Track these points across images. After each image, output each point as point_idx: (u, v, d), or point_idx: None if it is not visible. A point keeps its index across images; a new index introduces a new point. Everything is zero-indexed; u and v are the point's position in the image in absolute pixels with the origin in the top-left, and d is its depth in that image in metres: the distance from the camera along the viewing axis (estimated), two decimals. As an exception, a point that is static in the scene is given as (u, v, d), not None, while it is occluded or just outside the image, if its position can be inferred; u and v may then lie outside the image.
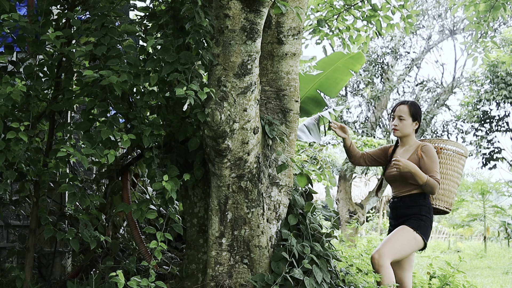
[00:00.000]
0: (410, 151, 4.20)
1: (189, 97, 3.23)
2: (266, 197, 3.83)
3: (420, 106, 4.53)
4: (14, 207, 4.30)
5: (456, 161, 4.29)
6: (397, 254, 4.02)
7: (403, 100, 4.40)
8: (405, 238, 4.05)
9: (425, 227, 4.09)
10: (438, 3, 15.58)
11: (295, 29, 3.96)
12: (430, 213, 4.13)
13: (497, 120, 17.51)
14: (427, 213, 4.11)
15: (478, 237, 19.12)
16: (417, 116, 4.26)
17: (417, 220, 4.08)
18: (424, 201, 4.13)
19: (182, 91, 3.23)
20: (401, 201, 4.18)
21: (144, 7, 3.97)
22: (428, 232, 4.11)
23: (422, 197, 4.13)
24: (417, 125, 4.27)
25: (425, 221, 4.10)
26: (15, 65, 3.82)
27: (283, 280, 3.70)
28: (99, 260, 4.38)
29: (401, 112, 4.23)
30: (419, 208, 4.12)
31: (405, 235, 4.05)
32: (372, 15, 5.89)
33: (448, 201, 4.30)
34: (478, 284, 6.92)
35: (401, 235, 4.05)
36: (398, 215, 4.20)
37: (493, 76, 16.41)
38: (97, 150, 3.35)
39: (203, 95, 3.30)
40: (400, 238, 4.05)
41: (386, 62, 15.88)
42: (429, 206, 4.14)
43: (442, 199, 4.27)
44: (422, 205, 4.12)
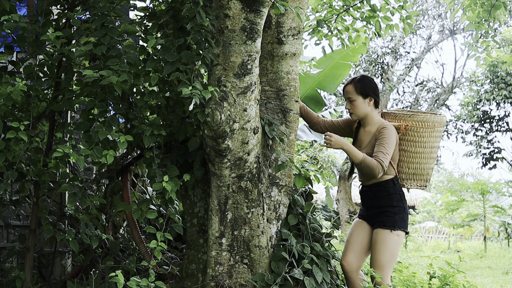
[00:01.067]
0: (371, 132, 3.82)
1: (195, 96, 3.23)
2: (266, 197, 3.83)
3: (371, 79, 3.94)
4: (14, 207, 4.30)
5: (428, 135, 3.85)
6: (393, 264, 3.81)
7: (350, 78, 3.95)
8: (390, 246, 3.74)
9: (401, 219, 3.76)
10: (438, 3, 15.59)
11: (295, 29, 3.96)
12: (402, 200, 3.80)
13: (497, 120, 17.52)
14: (399, 201, 3.77)
15: (478, 237, 19.12)
16: (368, 91, 3.81)
17: (391, 216, 3.75)
18: (394, 189, 3.78)
19: (188, 91, 3.23)
20: (370, 191, 3.84)
21: (144, 7, 3.97)
22: (405, 222, 3.79)
23: (391, 183, 3.79)
24: (371, 101, 3.82)
25: (398, 212, 3.76)
26: (15, 65, 3.82)
27: (283, 280, 3.70)
28: (99, 260, 4.39)
29: (349, 93, 3.84)
30: (389, 198, 3.78)
31: (388, 242, 3.74)
32: (372, 16, 5.89)
33: (421, 179, 3.93)
34: (478, 284, 6.92)
35: (383, 245, 3.74)
36: (368, 206, 3.87)
37: (493, 76, 16.42)
38: (95, 150, 3.35)
39: (207, 94, 3.30)
40: (385, 251, 3.74)
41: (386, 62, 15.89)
42: (400, 192, 3.80)
43: (414, 179, 3.90)
44: (392, 194, 3.78)
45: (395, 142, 3.75)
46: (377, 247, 3.75)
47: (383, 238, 3.74)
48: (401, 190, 3.83)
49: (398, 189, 3.80)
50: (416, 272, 4.89)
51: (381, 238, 3.74)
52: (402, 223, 3.76)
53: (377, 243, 3.75)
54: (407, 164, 3.88)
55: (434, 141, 3.89)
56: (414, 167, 3.88)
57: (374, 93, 3.84)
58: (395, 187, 3.79)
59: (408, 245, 15.29)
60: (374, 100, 3.84)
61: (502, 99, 16.51)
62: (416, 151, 3.86)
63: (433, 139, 3.88)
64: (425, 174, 3.91)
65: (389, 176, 3.79)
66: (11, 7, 3.52)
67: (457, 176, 37.32)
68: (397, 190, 3.80)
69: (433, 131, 3.86)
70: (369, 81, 3.88)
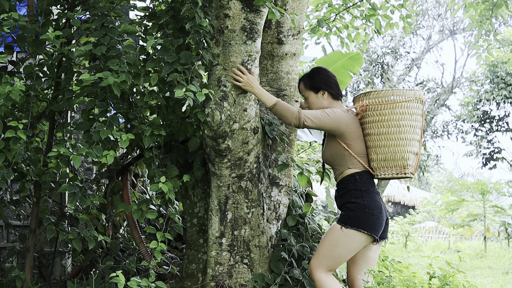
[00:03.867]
0: None
1: (188, 98, 3.23)
2: (266, 197, 3.83)
3: (321, 71, 3.66)
4: (14, 207, 4.30)
5: (389, 112, 3.45)
6: (330, 261, 3.40)
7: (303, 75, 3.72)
8: (332, 240, 3.39)
9: (356, 217, 3.37)
10: (438, 3, 15.59)
11: (295, 29, 3.96)
12: (363, 197, 3.40)
13: (497, 120, 17.52)
14: (358, 198, 3.40)
15: (478, 237, 19.11)
16: (318, 84, 3.58)
17: (345, 211, 3.42)
18: (354, 185, 3.43)
19: (182, 92, 3.23)
20: (337, 189, 3.56)
21: (144, 7, 3.97)
22: (364, 222, 3.36)
23: (352, 179, 3.45)
24: (325, 93, 3.57)
25: (354, 210, 3.38)
26: (15, 65, 3.82)
27: (282, 280, 3.70)
28: (99, 260, 4.39)
29: (302, 91, 3.68)
30: (349, 195, 3.44)
31: (332, 235, 3.40)
32: (372, 14, 5.90)
33: (396, 165, 3.44)
34: (478, 284, 6.91)
35: (328, 237, 3.43)
36: (338, 206, 3.58)
37: (493, 76, 16.42)
38: (95, 150, 3.35)
39: (201, 96, 3.29)
40: (326, 242, 3.42)
41: (386, 62, 15.89)
42: (362, 189, 3.42)
43: (387, 166, 3.45)
44: (351, 190, 3.44)
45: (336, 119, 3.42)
46: (322, 239, 3.50)
47: (331, 230, 3.44)
48: (364, 187, 3.43)
49: (359, 185, 3.43)
50: (416, 272, 4.89)
51: (328, 232, 3.46)
52: (358, 222, 3.37)
53: (324, 236, 3.49)
54: (374, 150, 3.46)
55: (401, 118, 3.43)
56: (383, 151, 3.45)
57: (326, 84, 3.58)
58: (356, 183, 3.44)
59: (408, 245, 15.29)
60: (328, 93, 3.58)
61: (502, 99, 16.51)
62: (380, 132, 3.45)
63: (397, 116, 3.43)
64: (399, 159, 3.42)
65: (352, 170, 3.46)
66: (11, 7, 3.52)
67: (457, 176, 37.37)
68: (358, 186, 3.43)
69: (395, 107, 3.43)
70: (319, 74, 3.63)
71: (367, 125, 3.50)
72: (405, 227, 16.59)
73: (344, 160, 3.49)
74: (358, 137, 3.49)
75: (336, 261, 3.43)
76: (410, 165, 3.43)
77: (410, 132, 3.44)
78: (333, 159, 3.54)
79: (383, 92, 3.49)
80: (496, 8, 6.53)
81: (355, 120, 3.51)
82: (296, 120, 3.38)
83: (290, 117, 3.39)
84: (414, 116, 3.45)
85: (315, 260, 3.43)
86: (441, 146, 21.48)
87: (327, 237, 3.44)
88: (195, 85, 3.32)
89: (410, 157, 3.43)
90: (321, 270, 3.40)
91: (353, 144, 3.47)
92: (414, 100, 3.45)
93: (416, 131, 3.47)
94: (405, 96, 3.45)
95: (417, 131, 3.47)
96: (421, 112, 3.49)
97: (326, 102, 3.59)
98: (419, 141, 3.51)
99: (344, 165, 3.49)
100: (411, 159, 3.44)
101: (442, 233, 20.86)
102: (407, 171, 3.43)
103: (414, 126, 3.45)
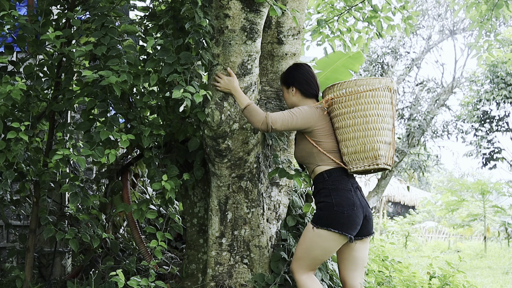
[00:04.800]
0: None
1: (186, 99, 3.23)
2: (266, 197, 3.83)
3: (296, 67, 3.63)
4: (14, 207, 4.30)
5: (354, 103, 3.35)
6: (307, 262, 3.38)
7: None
8: (307, 241, 3.36)
9: (326, 216, 3.30)
10: (438, 3, 15.59)
11: (295, 29, 3.96)
12: (331, 195, 3.32)
13: (497, 120, 17.52)
14: (326, 197, 3.33)
15: (478, 237, 19.12)
16: (289, 80, 3.56)
17: (316, 211, 3.40)
18: (323, 183, 3.38)
19: (179, 93, 3.22)
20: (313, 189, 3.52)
21: (144, 7, 3.97)
22: (333, 220, 3.29)
23: (321, 178, 3.39)
24: (294, 89, 3.54)
25: (323, 209, 3.33)
26: (15, 65, 3.82)
27: (282, 280, 3.70)
28: (99, 260, 4.39)
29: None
30: (318, 193, 3.40)
31: (306, 236, 3.37)
32: (373, 16, 5.89)
33: (368, 157, 3.32)
34: (478, 284, 6.92)
35: (302, 238, 3.41)
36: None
37: (493, 76, 16.42)
38: (96, 150, 3.35)
39: (199, 97, 3.28)
40: (302, 244, 3.40)
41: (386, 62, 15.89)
42: (330, 187, 3.34)
43: (358, 158, 3.33)
44: (320, 189, 3.39)
45: (303, 118, 3.38)
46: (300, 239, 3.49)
47: (305, 231, 3.41)
48: (333, 185, 3.35)
49: (328, 183, 3.36)
50: (416, 272, 4.90)
51: (304, 231, 3.43)
52: (327, 221, 3.30)
53: (301, 237, 3.47)
54: (344, 143, 3.37)
55: (366, 108, 3.33)
56: (352, 144, 3.34)
57: (297, 81, 3.53)
58: (324, 181, 3.37)
59: (408, 245, 15.29)
60: (297, 89, 3.54)
61: (502, 99, 16.50)
62: (347, 125, 3.36)
63: (363, 106, 3.33)
64: (369, 150, 3.31)
65: (322, 168, 3.40)
66: (11, 7, 3.53)
67: (457, 176, 37.37)
68: (326, 184, 3.36)
69: (359, 97, 3.34)
70: (292, 70, 3.59)
71: (335, 119, 3.43)
72: (405, 227, 16.60)
73: (313, 158, 3.43)
74: (328, 133, 3.44)
75: (314, 262, 3.40)
76: (382, 156, 3.31)
77: (378, 122, 3.32)
78: (303, 157, 3.51)
79: (346, 83, 3.41)
80: (497, 8, 6.53)
81: (324, 117, 3.45)
82: (264, 125, 3.34)
83: (257, 122, 3.35)
84: (381, 105, 3.34)
85: (294, 262, 3.43)
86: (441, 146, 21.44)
87: (302, 238, 3.42)
88: (194, 85, 3.32)
89: (381, 147, 3.31)
90: (301, 271, 3.39)
91: (322, 141, 3.42)
92: (380, 88, 3.35)
93: (386, 120, 3.35)
94: (369, 85, 3.35)
95: (387, 119, 3.36)
96: (390, 100, 3.37)
97: (295, 98, 3.56)
98: (392, 130, 3.38)
99: (313, 163, 3.43)
100: (382, 149, 3.31)
101: (442, 233, 20.87)
102: (379, 161, 3.31)
103: (383, 115, 3.34)
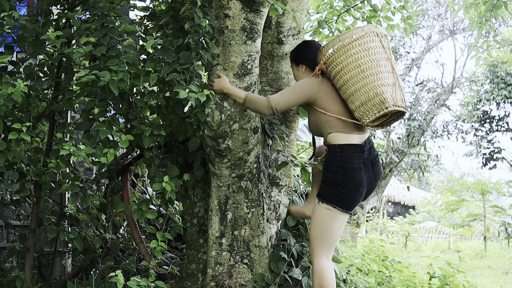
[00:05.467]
0: None
1: (191, 99, 3.24)
2: (266, 197, 3.83)
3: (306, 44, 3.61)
4: (14, 207, 4.30)
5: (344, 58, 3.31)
6: (319, 241, 3.33)
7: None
8: (315, 216, 3.35)
9: (329, 192, 3.30)
10: (438, 3, 15.59)
11: (295, 29, 3.96)
12: (338, 173, 3.28)
13: (497, 120, 17.51)
14: (333, 173, 3.29)
15: (478, 237, 19.12)
16: (298, 57, 3.55)
17: (322, 184, 3.38)
18: (333, 157, 3.31)
19: (185, 94, 3.23)
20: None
21: (144, 7, 3.97)
22: (337, 198, 3.29)
23: (333, 151, 3.32)
24: (303, 67, 3.53)
25: (328, 184, 3.31)
26: (15, 65, 3.82)
27: (282, 280, 3.70)
28: (99, 260, 4.39)
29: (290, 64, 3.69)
30: (327, 166, 3.35)
31: (315, 212, 3.36)
32: (373, 16, 5.88)
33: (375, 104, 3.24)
34: (478, 284, 6.92)
35: (313, 215, 3.39)
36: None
37: (493, 76, 16.42)
38: (97, 149, 3.35)
39: (202, 97, 3.30)
40: (313, 221, 3.37)
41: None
42: (339, 164, 3.28)
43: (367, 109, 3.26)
44: (328, 162, 3.34)
45: (303, 89, 3.38)
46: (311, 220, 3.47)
47: (314, 211, 3.41)
48: (342, 163, 3.29)
49: (338, 159, 3.29)
50: (416, 272, 4.90)
51: (313, 211, 3.42)
52: (330, 197, 3.30)
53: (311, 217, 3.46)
54: (350, 99, 3.32)
55: (358, 57, 3.28)
56: (357, 97, 3.28)
57: (306, 58, 3.53)
58: (335, 156, 3.31)
59: (408, 245, 15.29)
60: (307, 66, 3.53)
61: (502, 99, 16.50)
62: (345, 80, 3.31)
63: (353, 58, 3.29)
64: (374, 97, 3.24)
65: (335, 139, 3.35)
66: (11, 7, 3.53)
67: (457, 176, 37.37)
68: (336, 160, 3.30)
69: (347, 50, 3.30)
70: (302, 47, 3.58)
71: (334, 80, 3.39)
72: (405, 227, 16.59)
73: (324, 126, 3.40)
74: (333, 97, 3.40)
75: (327, 241, 3.33)
76: (389, 98, 3.24)
77: (373, 67, 3.27)
78: (316, 129, 3.48)
79: (331, 42, 3.38)
80: (496, 9, 6.53)
81: (326, 83, 3.43)
82: (269, 109, 3.35)
83: (262, 108, 3.36)
84: (371, 50, 3.29)
85: (310, 246, 3.40)
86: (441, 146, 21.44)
87: (312, 217, 3.40)
88: (194, 85, 3.32)
89: (384, 90, 3.24)
90: (317, 254, 3.33)
91: (328, 106, 3.38)
92: (365, 35, 3.31)
93: (382, 63, 3.29)
94: (353, 36, 3.32)
95: (383, 63, 3.30)
96: (380, 44, 3.32)
97: (304, 75, 3.54)
98: (392, 72, 3.31)
99: (326, 131, 3.38)
100: (386, 92, 3.24)
101: (442, 233, 20.87)
102: (388, 104, 3.23)
103: (376, 59, 3.28)
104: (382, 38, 3.34)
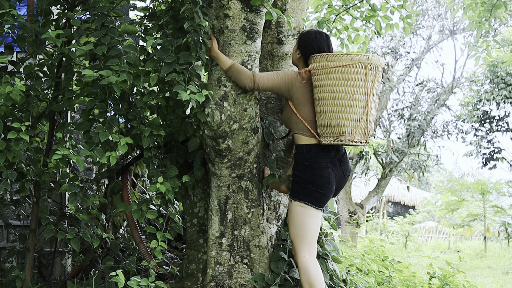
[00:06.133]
0: None
1: (192, 100, 3.25)
2: (266, 197, 3.83)
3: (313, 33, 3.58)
4: (14, 207, 4.30)
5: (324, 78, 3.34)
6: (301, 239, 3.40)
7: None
8: (291, 214, 3.44)
9: (301, 191, 3.40)
10: (438, 3, 15.58)
11: (295, 29, 3.97)
12: (306, 171, 3.39)
13: (497, 120, 17.51)
14: (301, 172, 3.40)
15: (478, 237, 19.12)
16: (301, 42, 3.55)
17: (292, 182, 3.48)
18: (301, 156, 3.42)
19: (187, 96, 3.24)
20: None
21: (144, 7, 3.97)
22: (308, 196, 3.39)
23: (301, 150, 3.43)
24: (299, 52, 3.55)
25: (296, 182, 3.42)
26: (15, 65, 3.82)
27: (282, 280, 3.70)
28: (99, 260, 4.39)
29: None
30: (296, 165, 3.47)
31: (291, 211, 3.45)
32: (371, 15, 5.88)
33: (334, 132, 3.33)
34: (478, 284, 6.92)
35: (289, 215, 3.48)
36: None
37: (493, 76, 16.42)
38: (95, 151, 3.35)
39: (201, 97, 3.30)
40: (290, 219, 3.46)
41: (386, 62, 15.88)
42: (306, 163, 3.39)
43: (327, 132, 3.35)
44: (297, 161, 3.45)
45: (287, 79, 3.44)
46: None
47: (288, 208, 3.52)
48: (309, 162, 3.39)
49: (306, 158, 3.40)
50: (416, 272, 4.90)
51: (288, 209, 3.50)
52: (301, 195, 3.40)
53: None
54: (318, 115, 3.40)
55: (335, 84, 3.31)
56: (322, 117, 3.36)
57: (303, 46, 3.53)
58: (303, 155, 3.42)
59: (408, 245, 15.30)
60: (302, 54, 3.54)
61: (502, 99, 16.49)
62: (318, 98, 3.38)
63: (331, 82, 3.32)
64: (334, 126, 3.31)
65: (302, 139, 3.45)
66: (11, 7, 3.53)
67: (457, 176, 37.35)
68: (304, 159, 3.40)
69: (328, 72, 3.32)
70: (306, 36, 3.56)
71: (314, 90, 3.44)
72: (405, 227, 16.60)
73: (292, 124, 3.49)
74: (308, 102, 3.45)
75: (307, 238, 3.39)
76: (347, 132, 3.31)
77: (346, 98, 3.31)
78: (286, 121, 3.58)
79: (320, 57, 3.39)
80: (495, 9, 6.53)
81: (308, 87, 3.46)
82: (251, 82, 3.40)
83: (245, 79, 3.40)
84: (351, 82, 3.30)
85: (292, 245, 3.47)
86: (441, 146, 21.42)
87: (288, 216, 3.50)
88: (193, 85, 3.32)
89: (346, 123, 3.31)
90: (300, 252, 3.40)
91: (300, 107, 3.45)
92: (351, 65, 3.30)
93: (356, 97, 3.32)
94: (340, 62, 3.31)
95: (357, 97, 3.32)
96: (363, 76, 3.31)
97: (297, 61, 3.58)
98: (365, 106, 3.33)
99: (293, 129, 3.49)
100: (347, 126, 3.31)
101: (442, 233, 20.87)
102: (343, 138, 3.31)
103: (352, 92, 3.31)
104: (369, 71, 3.32)
